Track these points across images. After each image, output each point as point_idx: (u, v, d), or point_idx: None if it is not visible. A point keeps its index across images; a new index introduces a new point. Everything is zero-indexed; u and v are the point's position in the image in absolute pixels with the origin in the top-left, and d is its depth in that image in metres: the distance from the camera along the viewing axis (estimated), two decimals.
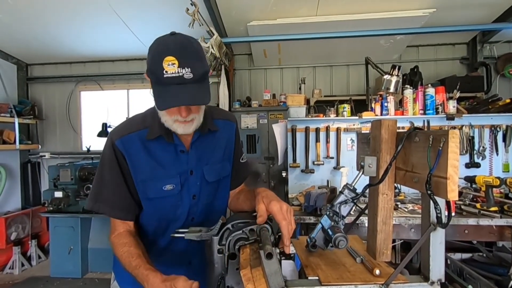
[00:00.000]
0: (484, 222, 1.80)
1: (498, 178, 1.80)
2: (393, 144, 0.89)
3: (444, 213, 0.76)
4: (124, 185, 0.98)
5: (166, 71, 0.81)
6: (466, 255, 2.34)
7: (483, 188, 1.90)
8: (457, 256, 2.32)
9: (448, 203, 0.76)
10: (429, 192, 0.71)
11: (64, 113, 4.43)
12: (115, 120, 4.16)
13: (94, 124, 4.30)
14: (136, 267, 0.89)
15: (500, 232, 1.87)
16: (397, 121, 0.91)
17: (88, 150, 4.21)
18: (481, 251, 2.34)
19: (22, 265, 3.49)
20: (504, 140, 2.46)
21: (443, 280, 0.78)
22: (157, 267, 0.99)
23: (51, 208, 3.19)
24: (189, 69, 0.82)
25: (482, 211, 1.84)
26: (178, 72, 0.81)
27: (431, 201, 0.76)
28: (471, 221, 1.82)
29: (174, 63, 0.81)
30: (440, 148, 0.69)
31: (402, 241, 2.30)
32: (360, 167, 0.94)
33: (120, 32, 3.44)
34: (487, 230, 1.88)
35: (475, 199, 2.06)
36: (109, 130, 3.75)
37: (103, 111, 4.38)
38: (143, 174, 0.98)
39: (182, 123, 0.91)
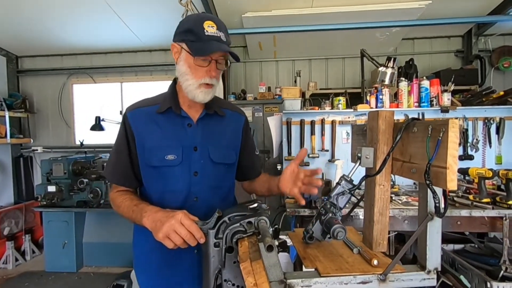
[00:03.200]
0: (476, 213, 1.82)
1: (491, 170, 1.82)
2: (390, 135, 0.89)
3: (442, 203, 0.76)
4: (126, 153, 1.06)
5: (207, 31, 0.94)
6: (458, 246, 2.37)
7: (476, 180, 1.93)
8: (450, 247, 2.35)
9: (444, 193, 0.76)
10: (428, 182, 0.71)
11: (56, 107, 4.34)
12: (109, 113, 4.11)
13: (87, 117, 4.24)
14: (137, 205, 0.96)
15: (492, 223, 1.90)
16: (394, 112, 0.91)
17: (82, 144, 4.15)
18: (473, 242, 2.38)
19: (16, 260, 3.46)
20: (497, 132, 2.48)
21: (439, 269, 0.79)
22: (160, 252, 1.04)
23: (44, 203, 3.15)
24: (224, 34, 0.97)
25: (474, 203, 1.87)
26: (216, 33, 0.95)
27: (429, 191, 0.76)
28: (464, 213, 1.84)
29: (213, 26, 0.96)
30: (440, 138, 0.68)
31: (396, 233, 2.32)
32: (357, 158, 0.93)
33: (112, 24, 3.37)
34: (479, 221, 1.91)
35: (468, 191, 2.09)
36: (102, 124, 3.70)
37: (97, 104, 4.31)
38: (149, 142, 1.03)
39: (205, 88, 0.99)
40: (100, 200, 3.19)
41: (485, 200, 1.83)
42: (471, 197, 1.91)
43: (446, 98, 2.43)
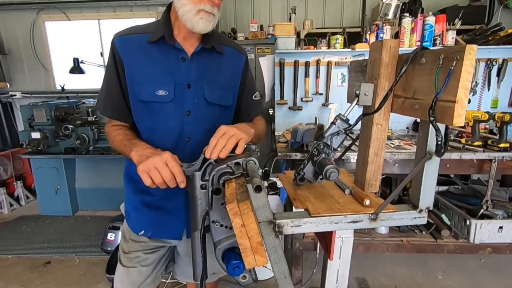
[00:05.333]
0: (466, 156, 1.83)
1: (487, 112, 1.78)
2: (394, 69, 0.80)
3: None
4: (117, 85, 0.98)
5: None
6: (443, 188, 2.46)
7: (471, 123, 1.90)
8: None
9: (446, 131, 0.71)
10: (432, 118, 0.64)
11: (29, 47, 3.99)
12: (88, 55, 3.81)
13: (66, 60, 3.92)
14: (130, 140, 0.92)
15: (480, 165, 1.92)
16: (399, 42, 0.80)
17: (63, 89, 3.92)
18: (457, 184, 2.47)
19: (11, 205, 3.51)
20: (498, 74, 2.38)
21: (431, 208, 0.78)
22: (151, 188, 0.98)
23: (30, 150, 3.08)
24: None
25: (466, 146, 1.87)
26: None
27: (431, 130, 0.70)
28: (454, 156, 1.84)
29: None
30: (452, 67, 0.59)
31: (384, 176, 2.37)
32: (355, 96, 0.85)
33: None
34: (468, 164, 1.93)
35: (460, 135, 2.08)
36: (82, 66, 3.45)
37: (74, 45, 3.97)
38: (139, 75, 0.95)
39: (206, 14, 0.88)
40: (89, 146, 3.12)
41: (477, 143, 1.82)
42: (463, 140, 1.90)
43: (451, 37, 2.27)
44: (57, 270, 2.38)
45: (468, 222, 1.89)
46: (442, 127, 0.68)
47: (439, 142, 0.67)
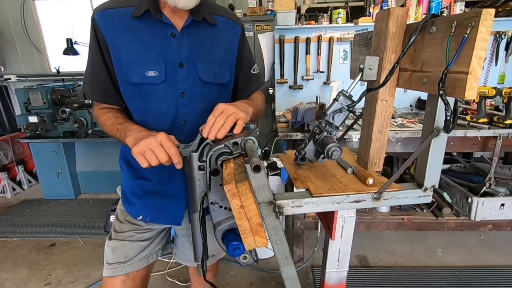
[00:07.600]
0: (471, 133, 1.79)
1: (495, 88, 1.72)
2: (401, 41, 0.75)
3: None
4: (102, 66, 0.91)
5: None
6: (444, 166, 2.44)
7: (476, 100, 1.84)
8: None
9: (455, 105, 0.67)
10: (441, 91, 0.60)
11: (21, 29, 3.86)
12: (82, 36, 3.69)
13: (60, 41, 3.80)
14: (122, 124, 0.88)
15: (484, 143, 1.88)
16: (408, 10, 0.75)
17: (58, 71, 3.83)
18: (460, 162, 2.45)
19: (14, 189, 3.53)
20: (506, 48, 2.30)
21: (436, 186, 0.75)
22: (148, 174, 0.99)
23: (29, 134, 3.05)
24: None
25: (471, 123, 1.82)
26: None
27: (439, 104, 0.67)
28: (459, 133, 1.80)
29: None
30: (466, 35, 0.55)
31: (386, 155, 2.35)
32: (359, 70, 0.80)
33: None
34: (472, 141, 1.90)
35: (464, 112, 2.03)
36: (76, 47, 3.35)
37: (67, 25, 3.83)
38: (125, 55, 0.88)
39: None
40: (87, 130, 3.09)
41: (482, 120, 1.78)
42: (468, 117, 1.86)
43: (459, 9, 2.16)
44: (63, 252, 2.42)
45: (470, 200, 1.89)
46: (451, 101, 0.64)
47: (448, 118, 0.63)
